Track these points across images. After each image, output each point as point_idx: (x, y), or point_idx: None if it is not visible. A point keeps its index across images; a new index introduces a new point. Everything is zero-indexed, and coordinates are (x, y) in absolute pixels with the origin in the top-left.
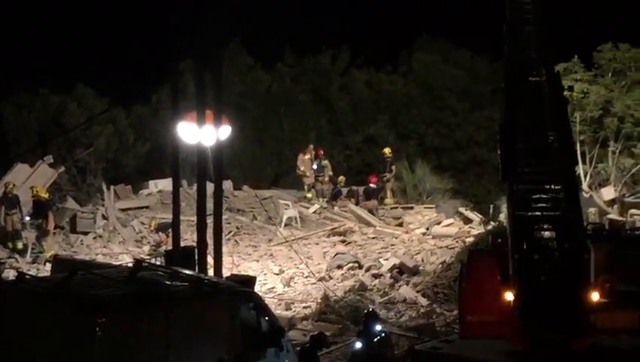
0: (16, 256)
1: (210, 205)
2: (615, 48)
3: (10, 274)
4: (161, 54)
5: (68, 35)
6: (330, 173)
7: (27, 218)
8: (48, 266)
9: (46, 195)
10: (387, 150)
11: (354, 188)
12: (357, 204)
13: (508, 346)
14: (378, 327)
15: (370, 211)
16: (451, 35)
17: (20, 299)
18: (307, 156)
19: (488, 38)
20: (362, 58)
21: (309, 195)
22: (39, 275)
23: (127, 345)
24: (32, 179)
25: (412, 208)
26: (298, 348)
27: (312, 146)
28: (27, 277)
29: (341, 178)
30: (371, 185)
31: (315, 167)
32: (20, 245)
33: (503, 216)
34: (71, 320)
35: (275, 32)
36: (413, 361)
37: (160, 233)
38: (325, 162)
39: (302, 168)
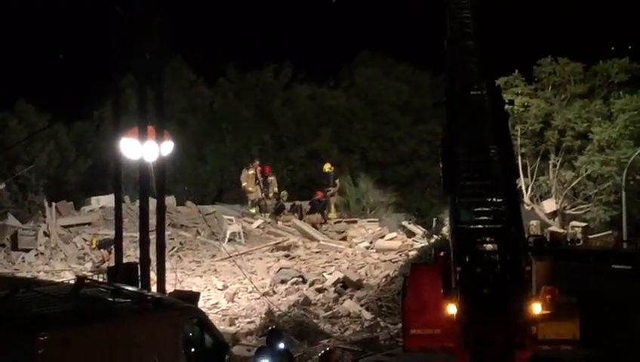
0: None
1: (152, 221)
2: (555, 62)
3: None
4: (102, 70)
5: (8, 50)
6: (276, 189)
7: None
8: None
9: None
10: (327, 166)
11: (297, 202)
12: (301, 218)
13: (451, 358)
14: (282, 345)
15: (314, 225)
16: (392, 50)
17: None
18: (251, 171)
19: (430, 51)
20: (304, 73)
21: (253, 210)
22: None
23: None
24: None
25: (355, 222)
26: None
27: (257, 162)
28: None
29: (284, 193)
30: (318, 198)
31: (260, 183)
32: None
33: (445, 229)
34: (12, 338)
35: (217, 47)
36: None
37: (102, 250)
38: (272, 178)
39: (244, 183)
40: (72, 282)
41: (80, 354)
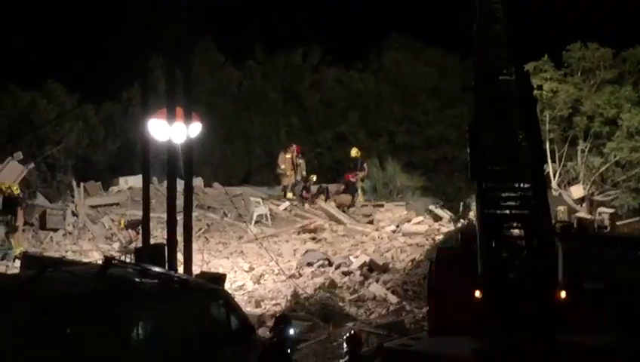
0: None
1: (180, 202)
2: (584, 47)
3: None
4: (131, 51)
5: (38, 30)
6: (304, 172)
7: None
8: (17, 263)
9: (17, 191)
10: (354, 150)
11: (324, 185)
12: (326, 200)
13: (476, 344)
14: (291, 331)
15: (342, 206)
16: (420, 33)
17: None
18: (289, 155)
19: (458, 35)
20: (332, 56)
21: (290, 195)
22: (8, 272)
23: (97, 343)
24: (1, 175)
25: (382, 206)
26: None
27: (294, 146)
28: None
29: (312, 176)
30: (351, 179)
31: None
32: None
33: (472, 214)
34: (40, 318)
35: (246, 28)
36: (382, 359)
37: (130, 230)
38: (301, 161)
39: (282, 167)
40: (100, 262)
41: (107, 334)
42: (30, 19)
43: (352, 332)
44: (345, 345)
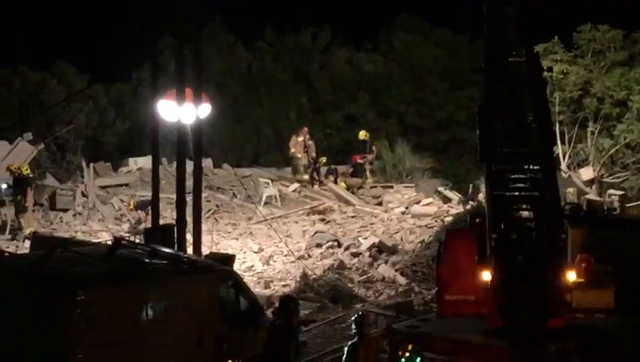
0: None
1: (189, 183)
2: (595, 29)
3: None
4: (141, 32)
5: (48, 11)
6: (314, 153)
7: (4, 187)
8: (27, 243)
9: (27, 172)
10: (362, 133)
11: (332, 166)
12: (335, 181)
13: (485, 325)
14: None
15: (352, 188)
16: (430, 15)
17: None
18: (300, 138)
19: (468, 17)
20: (342, 37)
21: (305, 177)
22: (18, 252)
23: (106, 322)
24: (11, 156)
25: (391, 187)
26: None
27: (306, 129)
28: (6, 254)
29: (322, 158)
30: (359, 160)
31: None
32: None
33: (481, 196)
34: (49, 298)
35: (256, 10)
36: (390, 340)
37: (139, 211)
38: (310, 142)
39: (292, 150)
40: (109, 243)
41: (115, 314)
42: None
43: (361, 312)
44: (354, 326)
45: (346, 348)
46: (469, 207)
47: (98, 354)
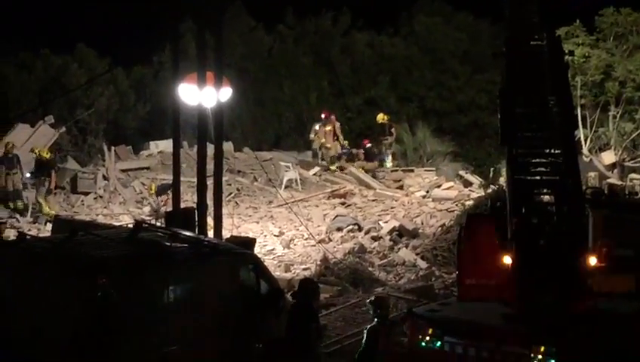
0: (17, 215)
1: (210, 166)
2: (617, 12)
3: (11, 234)
4: (162, 15)
5: None
6: (345, 141)
7: (27, 175)
8: (49, 226)
9: (48, 155)
10: (380, 116)
11: (354, 150)
12: (350, 160)
13: (505, 309)
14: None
15: (370, 171)
16: None
17: (21, 259)
18: (329, 127)
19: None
20: (363, 20)
21: (333, 167)
22: (40, 235)
23: (127, 306)
24: (32, 139)
25: (412, 171)
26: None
27: (333, 117)
28: (28, 237)
29: (345, 142)
30: (368, 145)
31: (317, 127)
32: (20, 205)
33: (502, 180)
34: (71, 281)
35: None
36: (411, 324)
37: (160, 197)
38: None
39: (323, 140)
40: (130, 226)
41: (136, 297)
42: None
43: (377, 295)
44: (371, 310)
45: (365, 332)
46: (489, 191)
47: (118, 337)
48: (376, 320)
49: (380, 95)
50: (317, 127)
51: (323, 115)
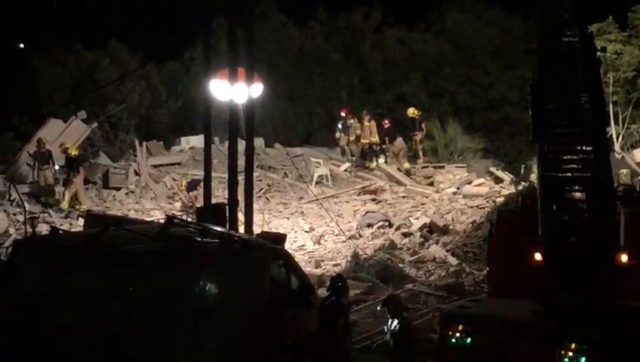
0: (50, 210)
1: (241, 162)
2: None
3: (44, 229)
4: (194, 11)
5: None
6: (358, 132)
7: (57, 168)
8: (81, 221)
9: (76, 152)
10: (410, 110)
11: (384, 146)
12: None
13: (536, 306)
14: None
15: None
16: None
17: (53, 254)
18: (368, 124)
19: None
20: (394, 16)
21: (373, 165)
22: (72, 230)
23: (158, 301)
24: (65, 134)
25: (443, 167)
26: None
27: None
28: (60, 231)
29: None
30: (387, 125)
31: (339, 125)
32: (52, 199)
33: (534, 177)
34: (102, 276)
35: None
36: (441, 320)
37: (190, 193)
38: (351, 121)
39: (373, 139)
40: (162, 221)
41: (168, 292)
42: None
43: (389, 295)
44: (387, 312)
45: (388, 332)
46: (520, 187)
47: (150, 332)
48: (397, 321)
49: (411, 91)
50: (340, 125)
51: (343, 113)
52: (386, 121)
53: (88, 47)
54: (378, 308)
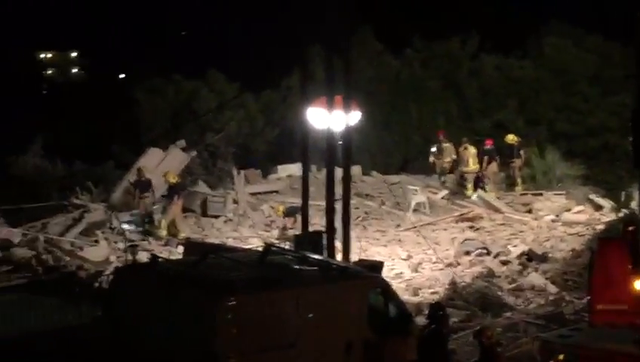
0: (149, 238)
1: (338, 190)
2: None
3: (144, 257)
4: (290, 40)
5: (200, 22)
6: (454, 155)
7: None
8: (180, 249)
9: (174, 180)
10: (509, 137)
11: (485, 175)
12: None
13: (638, 335)
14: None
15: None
16: (580, 20)
17: (153, 281)
18: (472, 151)
19: (619, 21)
20: (491, 43)
21: (471, 193)
22: (171, 258)
23: (256, 328)
24: (164, 163)
25: (541, 195)
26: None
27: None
28: (159, 259)
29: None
30: (490, 146)
31: (434, 149)
32: (151, 228)
33: (634, 204)
34: (201, 303)
35: (404, 17)
36: (542, 349)
37: (286, 218)
38: (446, 145)
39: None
40: (260, 249)
41: (266, 320)
42: (193, 10)
43: (481, 326)
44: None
45: None
46: (621, 214)
47: (248, 360)
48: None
49: (509, 118)
50: (434, 148)
51: (440, 136)
52: (490, 142)
53: (188, 76)
54: (470, 338)
